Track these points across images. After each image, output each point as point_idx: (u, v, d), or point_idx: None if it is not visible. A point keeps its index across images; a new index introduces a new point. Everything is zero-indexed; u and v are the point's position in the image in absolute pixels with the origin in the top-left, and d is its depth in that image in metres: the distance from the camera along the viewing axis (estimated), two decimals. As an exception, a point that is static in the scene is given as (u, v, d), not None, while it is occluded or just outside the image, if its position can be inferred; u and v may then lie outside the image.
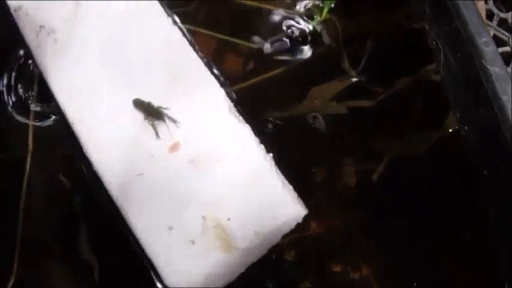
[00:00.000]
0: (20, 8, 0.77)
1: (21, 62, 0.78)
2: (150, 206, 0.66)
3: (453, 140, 0.70)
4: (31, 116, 0.75)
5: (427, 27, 0.65)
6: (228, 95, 0.70)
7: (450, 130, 0.71)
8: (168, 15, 0.74)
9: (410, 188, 0.69)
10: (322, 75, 0.76)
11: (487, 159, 0.57)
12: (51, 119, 0.75)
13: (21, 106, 0.76)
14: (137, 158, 0.67)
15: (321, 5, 0.79)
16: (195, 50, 0.72)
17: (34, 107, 0.76)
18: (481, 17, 0.52)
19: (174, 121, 0.67)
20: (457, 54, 0.57)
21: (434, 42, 0.63)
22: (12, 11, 0.78)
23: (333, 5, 0.78)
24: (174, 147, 0.67)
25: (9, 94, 0.77)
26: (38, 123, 0.75)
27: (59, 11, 0.76)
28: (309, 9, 0.80)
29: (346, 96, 0.74)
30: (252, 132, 0.68)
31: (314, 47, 0.78)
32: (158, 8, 0.73)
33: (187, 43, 0.72)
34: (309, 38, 0.78)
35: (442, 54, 0.60)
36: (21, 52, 0.78)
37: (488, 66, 0.49)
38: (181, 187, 0.66)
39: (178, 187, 0.66)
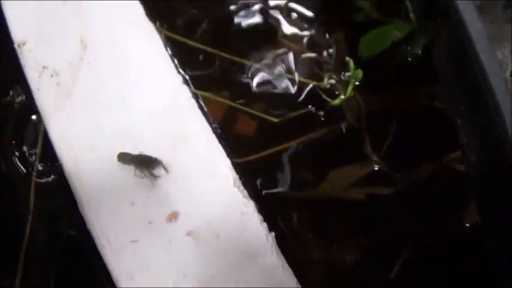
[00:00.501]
0: (24, 43, 0.74)
1: (23, 105, 0.74)
2: (143, 274, 0.63)
3: (473, 233, 0.68)
4: (34, 173, 0.71)
5: (459, 122, 0.62)
6: (234, 165, 0.67)
7: (468, 224, 0.69)
8: (179, 73, 0.71)
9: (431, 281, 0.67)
10: (341, 156, 0.73)
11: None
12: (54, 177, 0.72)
13: (24, 161, 0.73)
14: (133, 223, 0.64)
15: (345, 78, 0.76)
16: (203, 113, 0.69)
17: (37, 164, 0.72)
18: None
19: (167, 170, 0.64)
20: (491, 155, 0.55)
21: (465, 140, 0.61)
22: (15, 45, 0.74)
23: (357, 83, 0.76)
24: (173, 216, 0.64)
25: (13, 145, 0.73)
26: (41, 180, 0.72)
27: (64, 53, 0.73)
28: (333, 84, 0.77)
29: (366, 181, 0.72)
30: (255, 209, 0.65)
31: (334, 124, 0.75)
32: (169, 65, 0.70)
33: (195, 105, 0.69)
34: (330, 114, 0.75)
35: (473, 151, 0.58)
36: (22, 96, 0.74)
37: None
38: (177, 259, 0.63)
39: (174, 258, 0.63)
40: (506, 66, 0.64)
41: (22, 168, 0.72)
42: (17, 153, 0.73)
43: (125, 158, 0.65)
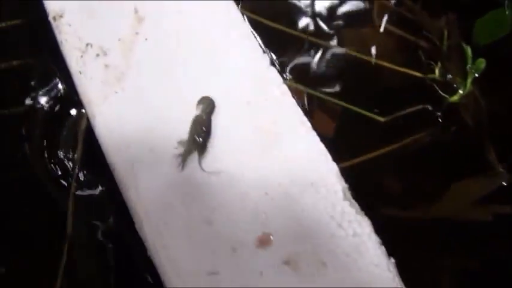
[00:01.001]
0: (61, 16, 0.58)
1: (60, 94, 0.58)
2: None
3: None
4: (72, 183, 0.55)
5: None
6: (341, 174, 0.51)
7: None
8: (265, 54, 0.55)
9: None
10: (460, 165, 0.59)
11: None
12: (98, 189, 0.55)
13: (61, 169, 0.56)
14: (211, 249, 0.48)
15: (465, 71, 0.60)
16: (298, 104, 0.53)
17: (76, 173, 0.56)
18: None
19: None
20: None
21: None
22: (50, 18, 0.59)
23: (476, 75, 0.60)
24: (264, 241, 0.48)
25: (46, 150, 0.58)
26: (82, 193, 0.56)
27: (114, 26, 0.57)
28: (448, 78, 0.62)
29: (492, 198, 0.56)
30: (372, 228, 0.49)
31: (449, 126, 0.60)
32: (254, 45, 0.55)
33: (289, 93, 0.53)
34: (444, 113, 0.60)
35: None
36: (59, 80, 0.59)
37: None
38: (270, 296, 0.47)
39: (265, 296, 0.47)
40: None
41: (59, 178, 0.56)
42: (52, 160, 0.57)
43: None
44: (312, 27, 0.66)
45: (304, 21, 0.67)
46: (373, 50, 0.65)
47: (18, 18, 0.66)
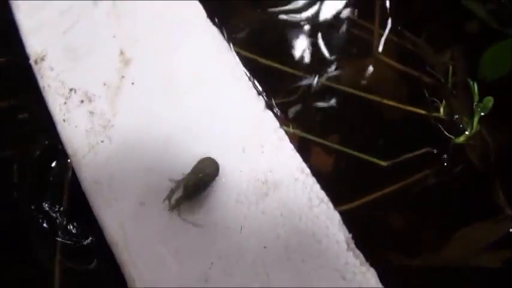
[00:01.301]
0: (42, 58, 0.55)
1: (45, 141, 0.56)
2: None
3: None
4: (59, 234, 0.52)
5: None
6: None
7: None
8: (259, 94, 0.52)
9: None
10: (468, 209, 0.56)
11: None
12: (86, 240, 0.52)
13: (48, 221, 0.54)
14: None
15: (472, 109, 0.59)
16: (297, 150, 0.50)
17: (63, 237, 0.53)
18: None
19: None
20: None
21: None
22: (31, 61, 0.56)
23: (482, 113, 0.58)
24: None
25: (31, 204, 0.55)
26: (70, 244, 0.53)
27: (99, 70, 0.54)
28: (454, 117, 0.59)
29: (502, 244, 0.54)
30: (378, 279, 0.46)
31: (455, 167, 0.58)
32: (248, 87, 0.52)
33: (286, 138, 0.50)
34: (449, 154, 0.58)
35: None
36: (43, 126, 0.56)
37: None
38: None
39: None
40: None
41: (45, 231, 0.53)
42: (38, 214, 0.54)
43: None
44: (308, 60, 0.64)
45: (300, 55, 0.64)
46: (374, 86, 0.63)
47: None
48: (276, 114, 0.52)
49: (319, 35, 0.65)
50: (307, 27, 0.66)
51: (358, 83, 0.63)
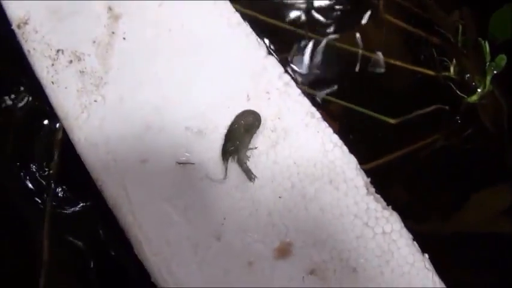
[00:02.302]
0: (26, 22, 0.52)
1: (30, 105, 0.53)
2: None
3: None
4: (48, 201, 0.49)
5: None
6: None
7: None
8: (260, 44, 0.50)
9: None
10: (480, 172, 0.55)
11: None
12: (78, 206, 0.49)
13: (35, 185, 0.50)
14: (225, 268, 0.42)
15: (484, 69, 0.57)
16: (306, 95, 0.48)
17: (52, 189, 0.50)
18: None
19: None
20: None
21: None
22: (14, 26, 0.53)
23: (495, 72, 0.56)
24: (283, 251, 0.43)
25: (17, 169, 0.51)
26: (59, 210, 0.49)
27: (87, 28, 0.51)
28: (466, 76, 0.57)
29: None
30: (401, 222, 0.44)
31: (466, 129, 0.56)
32: (252, 39, 0.50)
33: (295, 86, 0.48)
34: (461, 114, 0.57)
35: None
36: (27, 93, 0.53)
37: None
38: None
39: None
40: None
41: (32, 195, 0.50)
42: (24, 176, 0.51)
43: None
44: (312, 21, 0.62)
45: (303, 15, 0.62)
46: (381, 47, 0.61)
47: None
48: (278, 60, 0.49)
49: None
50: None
51: (365, 44, 0.61)
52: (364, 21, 0.62)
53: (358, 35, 0.61)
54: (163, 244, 0.44)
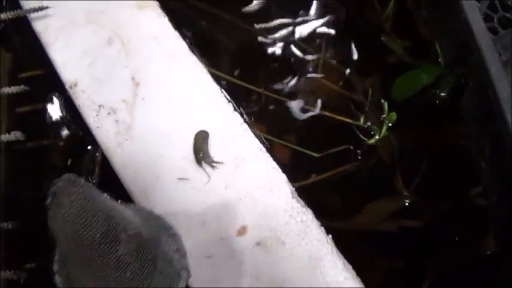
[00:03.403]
0: (75, 84, 0.82)
1: (82, 144, 0.82)
2: (219, 284, 0.72)
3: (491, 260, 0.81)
4: None
5: (482, 165, 0.75)
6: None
7: (488, 252, 0.82)
8: (229, 102, 0.81)
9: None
10: (375, 190, 0.86)
11: None
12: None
13: None
14: (206, 239, 0.74)
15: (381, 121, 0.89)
16: (257, 137, 0.79)
17: None
18: None
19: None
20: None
21: (487, 182, 0.74)
22: (67, 87, 0.82)
23: (390, 124, 0.88)
24: (242, 231, 0.74)
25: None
26: None
27: (118, 91, 0.81)
28: (369, 125, 0.89)
29: (397, 215, 0.84)
30: (313, 216, 0.76)
31: (368, 161, 0.87)
32: (220, 96, 0.81)
33: (249, 129, 0.79)
34: (365, 151, 0.88)
35: (493, 192, 0.72)
36: (80, 133, 0.83)
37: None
38: (249, 269, 0.73)
39: (246, 269, 0.73)
40: None
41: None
42: None
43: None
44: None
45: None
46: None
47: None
48: (241, 115, 0.81)
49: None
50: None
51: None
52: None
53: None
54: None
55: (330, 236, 0.76)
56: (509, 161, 0.66)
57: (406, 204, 0.85)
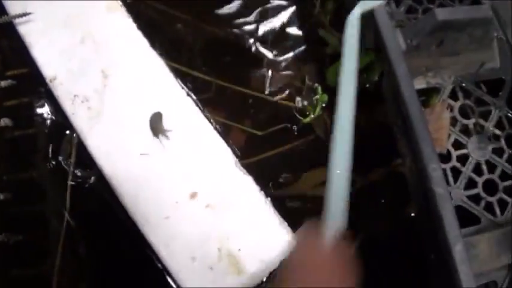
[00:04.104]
0: (54, 78, 0.98)
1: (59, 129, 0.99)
2: (176, 241, 0.88)
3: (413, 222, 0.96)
4: (69, 177, 0.96)
5: (398, 136, 0.91)
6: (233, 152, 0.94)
7: (412, 214, 0.97)
8: (182, 88, 0.97)
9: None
10: (313, 162, 1.01)
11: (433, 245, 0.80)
12: (90, 180, 0.96)
13: (61, 169, 0.97)
14: (164, 203, 0.90)
15: (314, 102, 1.07)
16: (207, 118, 0.96)
17: (73, 171, 0.96)
18: (432, 148, 0.77)
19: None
20: (415, 164, 0.83)
21: (402, 150, 0.89)
22: (48, 81, 0.99)
23: (324, 104, 1.05)
24: (193, 195, 0.91)
25: (50, 160, 0.98)
26: (77, 183, 0.96)
27: (91, 82, 0.98)
28: (304, 106, 1.06)
29: None
30: (253, 181, 0.92)
31: (307, 137, 1.04)
32: (178, 89, 0.97)
33: (200, 113, 0.96)
34: (302, 128, 1.05)
35: (406, 158, 0.88)
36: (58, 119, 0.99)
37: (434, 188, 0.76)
38: (200, 226, 0.89)
39: (198, 226, 0.89)
40: (445, 88, 0.93)
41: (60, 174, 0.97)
42: (53, 163, 0.97)
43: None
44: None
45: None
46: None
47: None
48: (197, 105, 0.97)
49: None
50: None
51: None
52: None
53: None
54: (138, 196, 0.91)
55: (269, 198, 0.93)
56: (410, 129, 0.83)
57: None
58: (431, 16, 0.86)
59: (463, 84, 0.95)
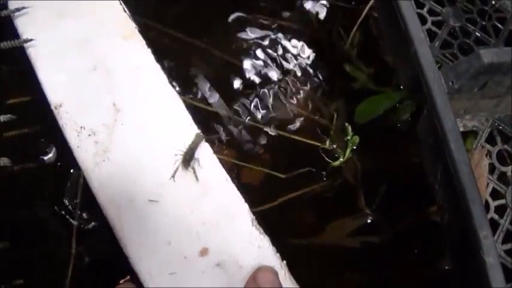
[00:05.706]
0: (60, 105, 0.92)
1: (63, 162, 0.92)
2: (181, 301, 0.82)
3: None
4: (76, 219, 0.89)
5: (436, 187, 0.86)
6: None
7: (446, 267, 0.93)
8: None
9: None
10: (339, 208, 0.98)
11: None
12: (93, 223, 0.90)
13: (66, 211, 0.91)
14: (172, 259, 0.84)
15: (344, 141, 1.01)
16: (224, 165, 0.90)
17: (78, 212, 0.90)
18: (484, 213, 0.72)
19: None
20: (457, 221, 0.79)
21: (441, 201, 0.84)
22: (52, 107, 0.92)
23: (355, 147, 1.00)
24: (204, 252, 0.85)
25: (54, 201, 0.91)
26: (82, 226, 0.90)
27: (99, 115, 0.91)
28: (334, 148, 1.01)
29: (360, 231, 0.95)
30: (270, 242, 0.87)
31: (334, 181, 0.99)
32: (192, 127, 0.92)
33: (217, 160, 0.90)
34: (331, 172, 1.00)
35: (445, 211, 0.83)
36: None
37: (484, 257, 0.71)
38: (208, 284, 0.83)
39: (206, 284, 0.83)
40: (483, 132, 0.89)
41: (64, 216, 0.90)
42: (58, 205, 0.91)
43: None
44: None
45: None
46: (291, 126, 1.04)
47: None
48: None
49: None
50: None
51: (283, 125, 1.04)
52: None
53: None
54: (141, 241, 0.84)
55: (285, 262, 0.87)
56: (456, 186, 0.78)
57: (368, 221, 0.96)
58: (476, 58, 0.80)
59: (501, 127, 0.91)
